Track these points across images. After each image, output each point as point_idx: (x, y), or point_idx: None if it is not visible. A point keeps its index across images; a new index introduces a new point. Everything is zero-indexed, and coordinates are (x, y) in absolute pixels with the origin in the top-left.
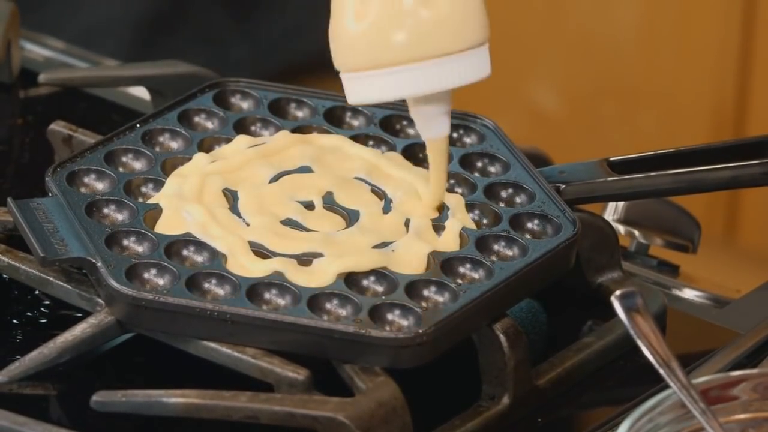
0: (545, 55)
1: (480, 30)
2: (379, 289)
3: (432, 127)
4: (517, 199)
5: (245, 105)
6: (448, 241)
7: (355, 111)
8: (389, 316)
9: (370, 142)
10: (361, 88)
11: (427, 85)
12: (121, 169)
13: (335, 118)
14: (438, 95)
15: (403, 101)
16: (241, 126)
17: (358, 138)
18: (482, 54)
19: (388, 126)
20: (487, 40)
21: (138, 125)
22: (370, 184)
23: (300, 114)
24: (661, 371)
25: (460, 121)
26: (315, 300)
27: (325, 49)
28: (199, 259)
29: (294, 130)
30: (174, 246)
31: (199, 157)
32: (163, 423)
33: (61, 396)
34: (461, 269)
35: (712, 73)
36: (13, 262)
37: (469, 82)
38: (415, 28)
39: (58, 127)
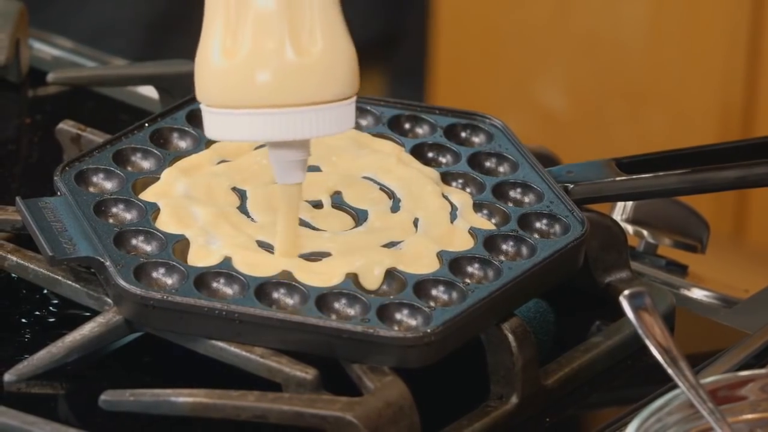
0: (553, 55)
1: (349, 84)
2: (387, 288)
3: (287, 174)
4: (526, 199)
5: None
6: (457, 241)
7: (363, 110)
8: (397, 316)
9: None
10: (220, 124)
11: (287, 132)
12: (129, 169)
13: None
14: (297, 142)
15: (408, 102)
16: None
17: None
18: (348, 108)
19: (397, 125)
20: (355, 95)
21: (146, 124)
22: (378, 183)
23: None
24: (670, 371)
25: (469, 121)
26: (323, 299)
27: None
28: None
29: None
30: (182, 245)
31: (203, 153)
32: (171, 422)
33: (69, 395)
34: (469, 269)
35: (719, 73)
36: (22, 262)
37: (328, 134)
38: (283, 73)
39: (66, 126)
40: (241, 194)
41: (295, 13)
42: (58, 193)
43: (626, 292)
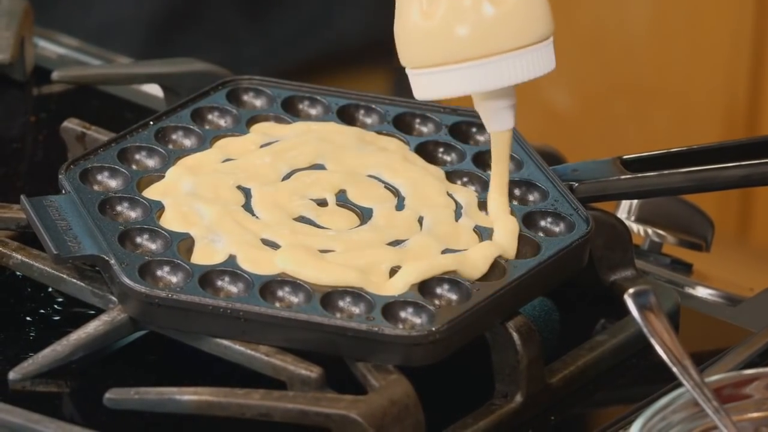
0: (558, 53)
1: (544, 24)
2: None
3: (497, 121)
4: (530, 197)
5: (258, 103)
6: (462, 239)
7: (369, 109)
8: (402, 314)
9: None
10: (428, 84)
11: (493, 81)
12: (134, 167)
13: (348, 115)
14: (503, 90)
15: (413, 100)
16: (255, 124)
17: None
18: (547, 48)
19: (402, 124)
20: (552, 34)
21: (151, 123)
22: (383, 181)
23: (313, 112)
24: (674, 369)
25: (474, 119)
26: (328, 298)
27: (338, 47)
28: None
29: None
30: (187, 244)
31: (208, 152)
32: (176, 420)
33: (74, 393)
34: None
35: (724, 71)
36: (27, 260)
37: (534, 77)
38: (481, 24)
39: (71, 124)
40: (246, 192)
41: None
42: (63, 192)
43: (631, 290)
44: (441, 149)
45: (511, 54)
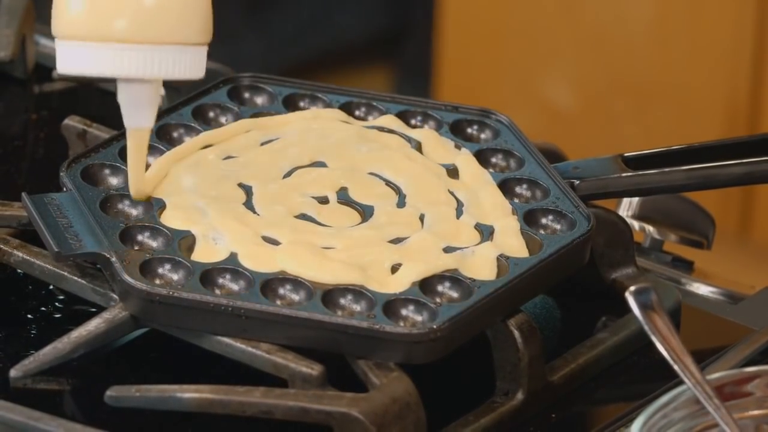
0: (559, 51)
1: (200, 29)
2: None
3: (135, 117)
4: (532, 195)
5: (259, 100)
6: (463, 236)
7: (370, 106)
8: (403, 312)
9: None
10: (73, 58)
11: (138, 69)
12: None
13: (349, 113)
14: (148, 85)
15: (414, 98)
16: None
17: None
18: (199, 54)
19: (402, 121)
20: (207, 44)
21: None
22: (384, 179)
23: (314, 109)
24: (675, 367)
25: (475, 117)
26: (329, 295)
27: (339, 44)
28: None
29: None
30: (188, 241)
31: (210, 149)
32: (177, 418)
33: (75, 391)
34: None
35: (725, 68)
36: (28, 257)
37: (178, 78)
38: (138, 9)
39: (72, 122)
40: (247, 190)
41: None
42: (64, 189)
43: (632, 288)
44: None
45: (162, 47)
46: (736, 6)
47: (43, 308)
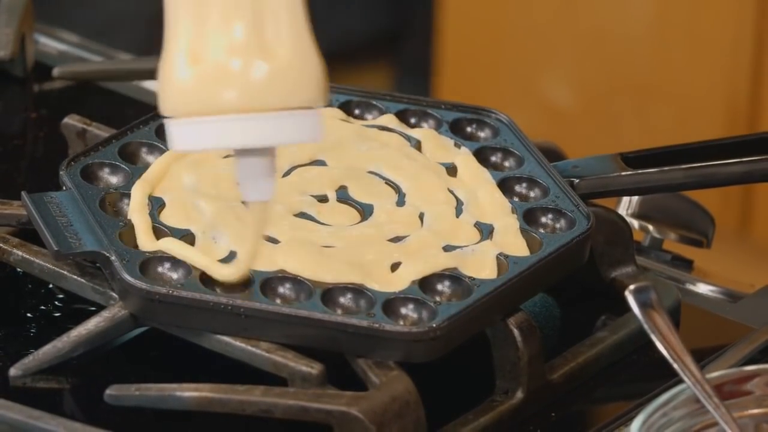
0: (559, 50)
1: (315, 90)
2: None
3: (255, 190)
4: (531, 194)
5: None
6: (462, 235)
7: (369, 105)
8: (403, 311)
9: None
10: (188, 135)
11: (258, 139)
12: (135, 163)
13: (349, 112)
14: (263, 154)
15: (414, 96)
16: None
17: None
18: (314, 117)
19: (402, 119)
20: (323, 105)
21: (152, 119)
22: (383, 177)
23: None
24: (675, 366)
25: (475, 116)
26: (328, 294)
27: (339, 43)
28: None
29: None
30: (188, 240)
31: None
32: (177, 417)
33: (74, 390)
34: None
35: (725, 67)
36: (27, 256)
37: (296, 142)
38: (250, 78)
39: (72, 120)
40: None
41: (260, 17)
42: (64, 188)
43: (632, 287)
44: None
45: (280, 113)
46: (735, 5)
47: (42, 307)
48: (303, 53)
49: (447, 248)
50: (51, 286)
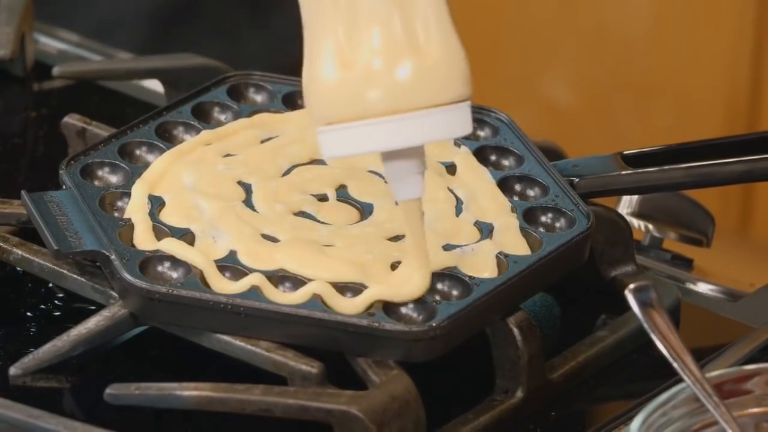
0: (559, 49)
1: (465, 84)
2: None
3: (406, 188)
4: (531, 193)
5: (259, 98)
6: (462, 234)
7: None
8: (403, 310)
9: None
10: (340, 141)
11: (407, 138)
12: (135, 162)
13: None
14: (413, 153)
15: None
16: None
17: None
18: (464, 110)
19: None
20: (469, 97)
21: (152, 118)
22: (383, 176)
23: None
24: (675, 365)
25: (475, 115)
26: None
27: None
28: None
29: None
30: (188, 239)
31: (210, 146)
32: (177, 416)
33: (74, 389)
34: None
35: (725, 67)
36: (27, 255)
37: (447, 138)
38: (399, 79)
39: (72, 120)
40: (247, 188)
41: (409, 17)
42: (64, 187)
43: (631, 286)
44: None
45: (429, 111)
46: (736, 4)
47: (42, 306)
48: (452, 49)
49: (447, 247)
50: (51, 285)
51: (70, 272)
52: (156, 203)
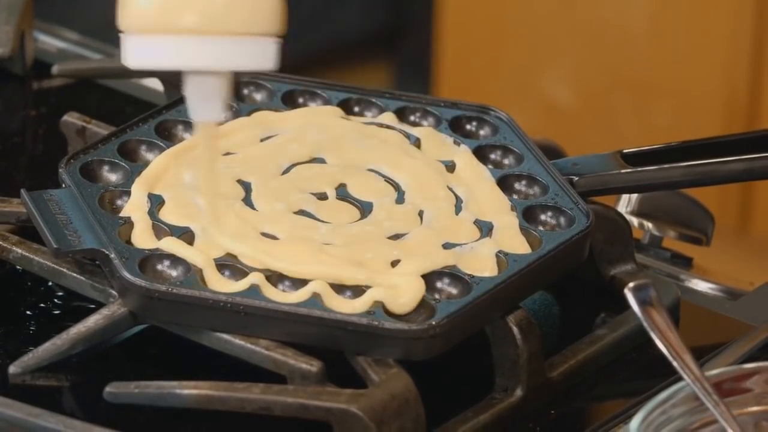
0: (559, 47)
1: (274, 20)
2: None
3: (203, 110)
4: (531, 191)
5: (258, 96)
6: (462, 232)
7: (369, 102)
8: None
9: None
10: (141, 52)
11: (211, 62)
12: (134, 161)
13: (348, 109)
14: (217, 78)
15: (414, 94)
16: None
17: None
18: (271, 45)
19: (402, 117)
20: (280, 35)
21: (152, 117)
22: (383, 175)
23: (313, 105)
24: (674, 363)
25: (474, 113)
26: None
27: (338, 41)
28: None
29: None
30: (187, 238)
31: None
32: (176, 415)
33: (74, 387)
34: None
35: (724, 65)
36: (27, 254)
37: (251, 69)
38: (209, 1)
39: (71, 118)
40: (246, 186)
41: None
42: (63, 186)
43: (631, 284)
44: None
45: (235, 38)
46: (734, 3)
47: (42, 305)
48: None
49: (446, 246)
50: (50, 283)
51: (69, 271)
52: (156, 202)
